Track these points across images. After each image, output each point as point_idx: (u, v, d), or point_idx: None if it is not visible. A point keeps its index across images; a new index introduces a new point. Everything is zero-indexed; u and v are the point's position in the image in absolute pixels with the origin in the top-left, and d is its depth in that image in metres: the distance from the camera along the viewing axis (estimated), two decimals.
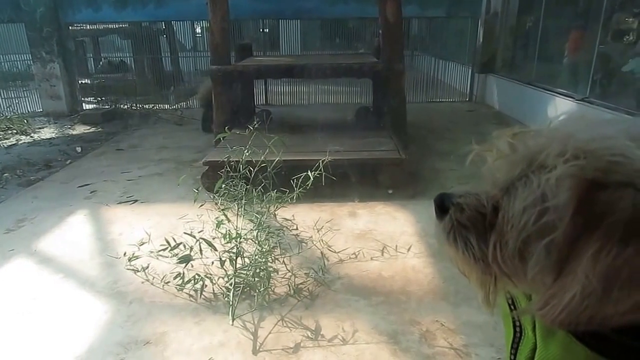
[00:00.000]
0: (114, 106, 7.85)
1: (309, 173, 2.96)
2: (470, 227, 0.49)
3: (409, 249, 3.12)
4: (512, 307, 0.58)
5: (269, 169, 2.93)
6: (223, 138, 3.49)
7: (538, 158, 0.42)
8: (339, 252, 3.08)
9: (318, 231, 3.33)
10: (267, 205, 3.07)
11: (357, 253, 3.07)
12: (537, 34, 7.06)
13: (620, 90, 5.14)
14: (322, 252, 3.02)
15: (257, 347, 2.23)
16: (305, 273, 2.82)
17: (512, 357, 0.59)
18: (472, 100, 8.63)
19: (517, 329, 0.57)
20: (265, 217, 3.01)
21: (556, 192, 0.38)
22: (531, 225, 0.40)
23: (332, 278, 2.79)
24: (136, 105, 7.92)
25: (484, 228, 0.47)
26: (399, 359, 2.14)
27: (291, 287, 2.67)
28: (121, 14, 8.25)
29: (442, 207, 0.53)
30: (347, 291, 2.67)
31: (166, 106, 8.25)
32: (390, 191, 3.75)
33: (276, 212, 3.25)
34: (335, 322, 2.40)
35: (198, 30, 11.53)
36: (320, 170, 2.94)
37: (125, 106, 7.89)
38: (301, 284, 2.72)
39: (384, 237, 3.29)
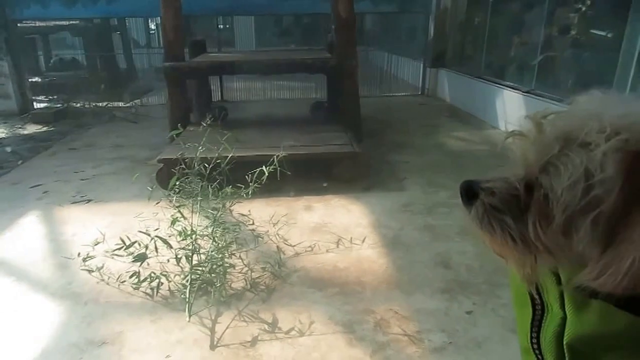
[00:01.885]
0: (66, 105, 7.51)
1: (264, 168, 2.94)
2: (504, 210, 0.49)
3: (363, 240, 3.16)
4: (537, 287, 0.57)
5: (222, 165, 2.89)
6: (176, 135, 3.41)
7: (577, 136, 0.42)
8: (295, 245, 3.08)
9: (274, 225, 3.32)
10: (223, 201, 3.03)
11: (312, 246, 3.08)
12: (485, 29, 7.27)
13: (561, 82, 5.37)
14: (278, 246, 3.02)
15: (215, 343, 2.20)
16: (262, 267, 2.81)
17: (534, 336, 0.58)
18: (425, 94, 8.81)
19: (538, 308, 0.57)
20: (221, 213, 2.97)
21: (603, 167, 0.39)
22: (578, 201, 0.40)
23: (289, 271, 2.79)
24: (89, 103, 7.62)
25: (518, 209, 0.48)
26: (355, 347, 2.17)
27: (248, 282, 2.65)
28: (71, 11, 7.86)
29: (471, 193, 0.52)
30: (304, 284, 2.68)
31: (120, 104, 7.97)
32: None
33: (232, 208, 3.22)
34: (292, 315, 2.40)
35: (152, 26, 11.19)
36: (275, 165, 2.93)
37: (78, 104, 7.57)
38: (258, 278, 2.71)
39: (339, 230, 3.32)
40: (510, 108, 6.00)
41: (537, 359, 0.59)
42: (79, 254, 2.92)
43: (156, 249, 2.60)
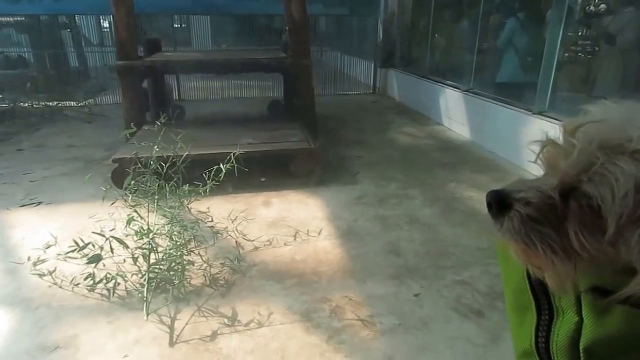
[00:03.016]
0: (12, 104, 7.04)
1: (222, 166, 2.89)
2: (542, 220, 0.45)
3: (319, 233, 3.17)
4: (545, 294, 0.54)
5: (178, 164, 2.82)
6: (130, 134, 3.29)
7: (619, 145, 0.40)
8: (253, 240, 3.06)
9: (233, 221, 3.28)
10: (181, 200, 2.96)
11: (271, 240, 3.06)
12: (429, 32, 7.46)
13: (495, 82, 5.59)
14: (237, 242, 2.98)
15: (174, 339, 2.15)
16: (221, 263, 2.77)
17: (542, 341, 0.55)
18: (376, 93, 8.94)
19: (545, 312, 0.54)
20: (178, 211, 2.89)
21: None
22: (631, 210, 0.39)
23: (248, 265, 2.77)
24: (38, 102, 7.18)
25: (556, 219, 0.45)
26: (312, 335, 2.18)
27: (207, 278, 2.61)
28: (16, 7, 7.39)
29: (502, 204, 0.47)
30: (262, 277, 2.66)
31: (73, 103, 7.58)
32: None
33: (190, 206, 3.15)
34: (251, 307, 2.38)
35: (106, 24, 10.69)
36: (233, 162, 2.89)
37: (26, 104, 7.11)
38: (217, 273, 2.67)
39: (297, 223, 3.32)
40: (452, 105, 6.20)
41: None
42: (29, 258, 2.76)
43: (112, 249, 2.50)
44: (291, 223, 3.32)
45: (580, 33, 7.52)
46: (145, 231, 2.55)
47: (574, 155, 0.43)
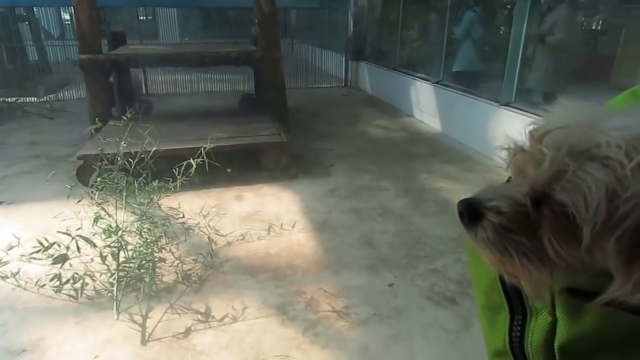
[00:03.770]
0: None
1: (192, 161, 2.85)
2: (516, 229, 0.45)
3: (293, 226, 3.17)
4: (517, 294, 0.54)
5: (146, 159, 2.75)
6: (95, 130, 3.19)
7: (587, 151, 0.40)
8: (226, 235, 3.03)
9: (204, 217, 3.23)
10: (150, 196, 2.90)
11: (244, 234, 3.04)
12: (398, 25, 7.52)
13: (464, 74, 5.70)
14: (209, 237, 2.94)
15: (146, 338, 2.11)
16: (193, 259, 2.73)
17: (516, 341, 0.55)
18: (348, 86, 8.97)
19: (518, 313, 0.55)
20: (148, 207, 2.83)
21: (629, 184, 0.37)
22: (605, 218, 0.39)
23: (221, 261, 2.74)
24: None
25: (529, 227, 0.44)
26: (287, 327, 2.19)
27: (179, 274, 2.57)
28: None
29: (474, 213, 0.47)
30: (236, 272, 2.64)
31: (33, 99, 7.28)
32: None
33: (160, 202, 3.08)
34: (225, 302, 2.36)
35: (67, 17, 10.30)
36: (203, 157, 2.84)
37: None
38: (189, 270, 2.63)
39: (270, 217, 3.30)
40: (423, 97, 6.28)
41: None
42: None
43: (78, 248, 2.42)
44: (264, 217, 3.31)
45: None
46: (114, 229, 2.49)
47: (545, 163, 0.42)
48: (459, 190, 3.82)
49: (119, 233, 2.48)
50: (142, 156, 2.84)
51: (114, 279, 2.38)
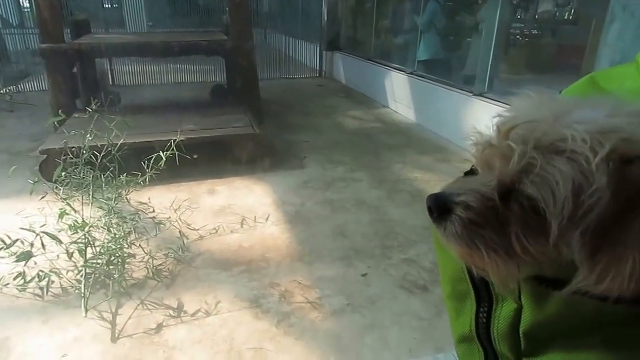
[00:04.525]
0: None
1: (161, 153, 2.82)
2: (484, 224, 0.45)
3: (267, 219, 3.19)
4: (483, 282, 0.56)
5: (113, 153, 2.72)
6: (58, 122, 3.13)
7: (553, 145, 0.41)
8: (198, 229, 3.02)
9: (175, 211, 3.22)
10: (118, 190, 2.86)
11: (217, 228, 3.04)
12: (373, 15, 7.56)
13: (439, 64, 5.80)
14: (181, 232, 2.93)
15: (116, 335, 2.11)
16: (164, 254, 2.72)
17: (483, 327, 0.57)
18: (322, 76, 8.98)
19: (485, 300, 0.56)
20: (116, 202, 2.80)
21: (595, 178, 0.38)
22: (571, 212, 0.39)
23: (193, 255, 2.74)
24: None
25: (497, 221, 0.45)
26: (261, 320, 2.21)
27: (150, 270, 2.56)
28: None
29: (442, 208, 0.48)
30: (209, 266, 2.65)
31: None
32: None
33: (129, 197, 3.05)
34: (197, 297, 2.37)
35: (26, 3, 9.94)
36: (173, 150, 2.82)
37: None
38: (160, 265, 2.62)
39: (243, 210, 3.31)
40: (398, 88, 6.35)
41: (480, 346, 0.60)
42: None
43: (43, 245, 2.38)
44: (237, 210, 3.31)
45: (518, 16, 7.92)
46: (80, 225, 2.45)
47: (514, 157, 0.43)
48: (433, 180, 3.91)
49: (86, 229, 2.44)
50: (109, 149, 2.80)
51: (82, 276, 2.35)
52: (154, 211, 3.22)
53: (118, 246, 2.55)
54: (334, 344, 2.08)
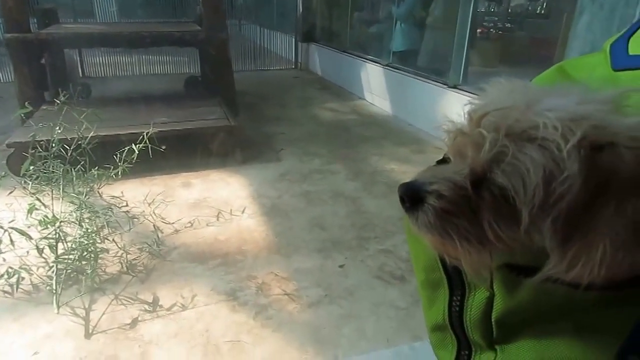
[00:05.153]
0: None
1: (134, 146, 2.77)
2: (457, 213, 0.45)
3: (243, 211, 3.18)
4: (456, 270, 0.56)
5: (83, 146, 2.66)
6: (26, 115, 3.03)
7: (524, 132, 0.40)
8: (173, 223, 2.99)
9: (150, 205, 3.17)
10: (90, 184, 2.80)
11: (192, 221, 3.01)
12: (348, 5, 7.55)
13: (412, 56, 5.85)
14: (155, 225, 2.89)
15: (90, 331, 2.07)
16: (138, 248, 2.68)
17: (457, 315, 0.58)
18: (298, 68, 8.94)
19: (458, 288, 0.56)
20: (88, 196, 2.74)
21: (566, 165, 0.38)
22: (542, 200, 0.39)
23: (168, 249, 2.71)
24: None
25: (469, 209, 0.45)
26: (238, 313, 2.21)
27: (124, 265, 2.52)
28: None
29: (415, 198, 0.47)
30: (184, 259, 2.62)
31: None
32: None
33: (101, 191, 2.99)
34: (173, 291, 2.35)
35: None
36: (146, 143, 2.77)
37: None
38: (135, 259, 2.59)
39: (219, 203, 3.29)
40: (374, 80, 6.38)
41: (453, 335, 0.60)
42: None
43: (12, 241, 2.31)
44: (213, 203, 3.29)
45: (492, 10, 8.04)
46: (51, 220, 2.40)
47: (485, 145, 0.43)
48: (409, 171, 3.95)
49: (57, 224, 2.39)
50: (79, 142, 2.73)
51: (53, 272, 2.30)
52: (127, 205, 3.16)
53: (90, 241, 2.50)
54: (311, 335, 2.09)
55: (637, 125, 0.39)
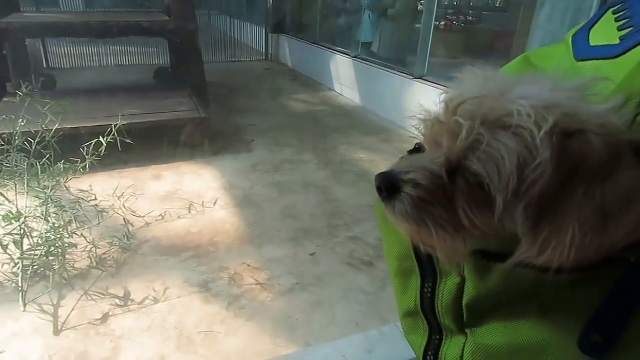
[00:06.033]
0: None
1: (102, 139, 2.66)
2: (433, 201, 0.45)
3: (215, 203, 3.11)
4: (428, 258, 0.56)
5: (48, 139, 2.53)
6: None
7: (499, 120, 0.40)
8: (144, 216, 2.90)
9: (119, 198, 3.06)
10: (56, 178, 2.68)
11: (163, 214, 2.93)
12: None
13: (380, 48, 5.85)
14: (125, 219, 2.80)
15: (59, 327, 1.99)
16: (108, 242, 2.59)
17: (429, 302, 0.58)
18: (268, 59, 8.81)
19: (429, 276, 0.56)
20: (54, 191, 2.62)
21: (539, 152, 0.38)
22: (516, 187, 0.39)
23: (139, 243, 2.63)
24: None
25: (445, 198, 0.44)
26: (211, 304, 2.17)
27: (93, 259, 2.43)
28: None
29: (391, 187, 0.46)
30: (156, 252, 2.55)
31: None
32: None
33: (68, 185, 2.86)
34: (145, 285, 2.28)
35: None
36: (115, 135, 2.66)
37: None
38: (104, 254, 2.50)
39: (191, 195, 3.21)
40: (343, 71, 6.36)
41: (425, 320, 0.60)
42: None
43: None
44: (185, 195, 3.21)
45: (455, 3, 8.10)
46: (15, 215, 2.28)
47: (462, 134, 0.42)
48: (377, 160, 3.97)
49: (22, 219, 2.27)
50: (44, 135, 2.60)
51: (19, 268, 2.19)
52: (96, 199, 3.04)
53: (58, 236, 2.40)
54: (284, 323, 2.08)
55: (605, 113, 0.39)
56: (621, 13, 0.49)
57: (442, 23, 6.35)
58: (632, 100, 0.40)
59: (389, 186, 0.47)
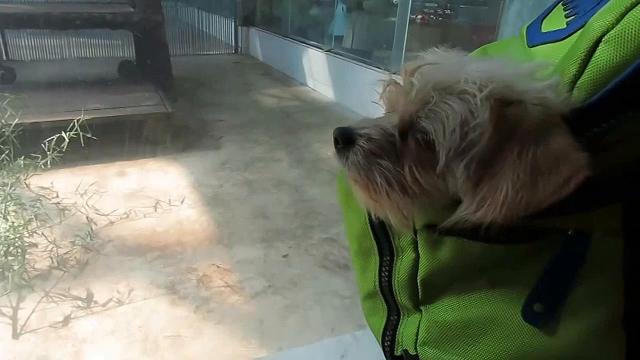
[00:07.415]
0: None
1: (64, 134, 2.60)
2: (383, 155, 0.49)
3: (182, 201, 3.09)
4: (385, 236, 0.60)
5: (7, 134, 2.46)
6: None
7: (450, 86, 0.45)
8: (108, 214, 2.86)
9: (82, 195, 3.00)
10: (16, 175, 2.60)
11: (128, 212, 2.90)
12: None
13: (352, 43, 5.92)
14: (88, 217, 2.74)
15: (18, 331, 1.96)
16: (70, 242, 2.55)
17: (386, 280, 0.61)
18: (238, 53, 8.74)
19: (387, 254, 0.60)
20: (13, 188, 2.54)
21: (478, 114, 0.43)
22: (458, 144, 0.44)
23: (102, 242, 2.60)
24: None
25: (395, 155, 0.49)
26: (178, 306, 2.17)
27: (54, 259, 2.38)
28: None
29: (346, 139, 0.51)
30: (120, 252, 2.52)
31: None
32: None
33: (28, 182, 2.78)
34: (109, 286, 2.26)
35: None
36: (77, 130, 2.61)
37: None
38: (66, 254, 2.46)
39: (157, 193, 3.18)
40: (315, 65, 6.38)
41: (384, 300, 0.64)
42: None
43: None
44: (150, 193, 3.17)
45: None
46: None
47: (412, 94, 0.47)
48: None
49: None
50: (3, 130, 2.52)
51: None
52: (57, 196, 2.97)
53: (17, 235, 2.33)
54: (255, 327, 2.09)
55: (544, 89, 0.45)
56: (569, 3, 0.57)
57: (419, 16, 6.45)
58: (565, 79, 0.45)
59: (344, 138, 0.52)
